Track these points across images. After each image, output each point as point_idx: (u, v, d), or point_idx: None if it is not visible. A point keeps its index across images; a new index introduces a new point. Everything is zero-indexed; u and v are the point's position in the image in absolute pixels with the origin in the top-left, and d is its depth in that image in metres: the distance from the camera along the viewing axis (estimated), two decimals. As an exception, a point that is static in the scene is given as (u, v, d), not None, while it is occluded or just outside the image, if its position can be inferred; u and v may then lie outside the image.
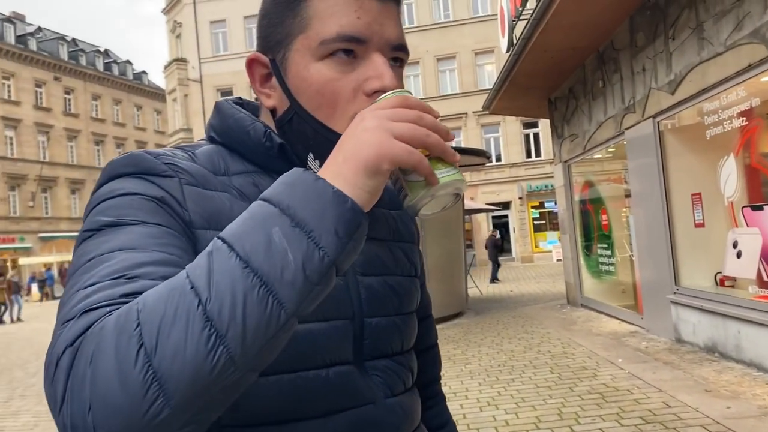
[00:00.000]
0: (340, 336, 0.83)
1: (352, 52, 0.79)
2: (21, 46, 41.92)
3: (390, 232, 0.97)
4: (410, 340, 0.95)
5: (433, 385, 1.12)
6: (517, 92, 12.08)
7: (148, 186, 0.74)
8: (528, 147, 30.81)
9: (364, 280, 0.88)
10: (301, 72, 0.81)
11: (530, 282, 19.06)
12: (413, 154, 0.64)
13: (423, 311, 1.08)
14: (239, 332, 0.55)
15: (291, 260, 0.57)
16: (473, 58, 30.93)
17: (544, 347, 8.11)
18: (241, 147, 0.86)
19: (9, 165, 39.29)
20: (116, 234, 0.68)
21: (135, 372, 0.52)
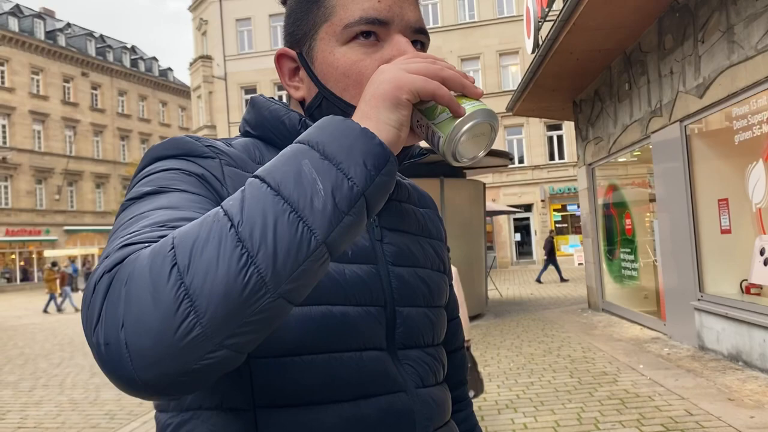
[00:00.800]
0: (373, 322, 0.83)
1: (375, 34, 0.82)
2: (50, 41, 42.58)
3: (419, 228, 0.98)
4: (441, 333, 0.96)
5: (459, 388, 1.12)
6: (542, 94, 12.00)
7: (190, 165, 0.76)
8: (551, 149, 30.59)
9: (395, 270, 0.89)
10: (327, 57, 0.83)
11: (551, 286, 18.91)
12: (429, 82, 0.67)
13: (450, 313, 1.09)
14: (270, 253, 0.55)
15: (320, 189, 0.59)
16: (498, 59, 30.77)
17: (564, 351, 8.04)
18: (276, 137, 0.88)
19: (36, 158, 39.94)
20: (157, 198, 0.69)
21: (167, 288, 0.53)
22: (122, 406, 6.76)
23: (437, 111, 0.70)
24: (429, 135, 0.71)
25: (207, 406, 0.77)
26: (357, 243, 0.85)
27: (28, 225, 39.06)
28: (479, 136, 0.71)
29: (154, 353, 0.53)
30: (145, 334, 0.53)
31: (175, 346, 0.53)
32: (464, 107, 0.69)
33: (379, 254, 0.88)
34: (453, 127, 0.68)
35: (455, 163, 0.72)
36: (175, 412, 0.80)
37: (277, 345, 0.76)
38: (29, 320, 17.88)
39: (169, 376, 0.54)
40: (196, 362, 0.54)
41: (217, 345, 0.55)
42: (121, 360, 0.54)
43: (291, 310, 0.60)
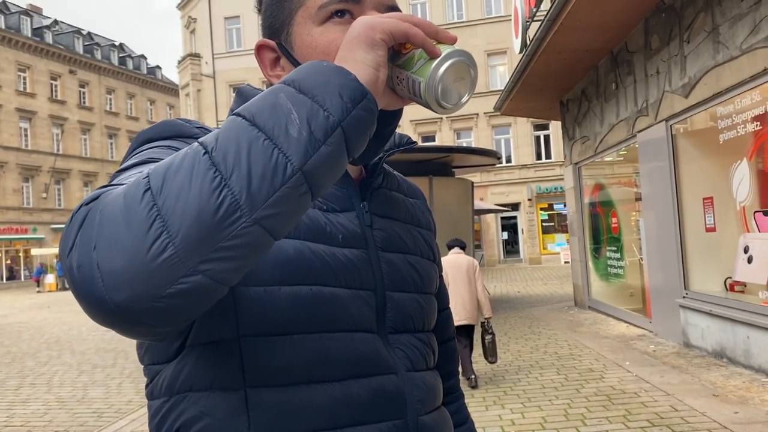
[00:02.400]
0: (363, 305, 0.84)
1: (348, 12, 0.83)
2: (37, 38, 42.20)
3: (409, 216, 1.00)
4: (431, 320, 0.98)
5: (450, 380, 1.13)
6: (530, 93, 12.06)
7: (180, 144, 0.76)
8: (538, 149, 30.73)
9: (385, 255, 0.90)
10: (305, 40, 0.85)
11: (538, 284, 19.02)
12: (402, 23, 0.69)
13: (441, 303, 1.10)
14: (244, 176, 0.55)
15: (295, 117, 0.59)
16: (485, 59, 30.85)
17: (551, 348, 8.10)
18: None
19: (23, 156, 39.60)
20: (144, 166, 0.68)
21: (140, 209, 0.53)
22: (110, 404, 6.74)
23: (414, 59, 0.71)
24: (410, 86, 0.72)
25: (197, 387, 0.77)
26: (347, 227, 0.86)
27: (14, 223, 38.71)
28: (459, 81, 0.71)
29: (126, 273, 0.52)
30: (117, 254, 0.53)
31: (147, 266, 0.52)
32: (439, 49, 0.70)
33: (369, 239, 0.89)
34: (431, 68, 0.69)
35: (440, 110, 0.72)
36: (166, 396, 0.80)
37: (267, 324, 0.76)
38: (15, 318, 17.74)
39: (141, 300, 0.53)
40: (170, 286, 0.53)
41: (191, 269, 0.54)
42: (93, 281, 0.53)
43: (271, 245, 0.59)
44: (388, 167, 1.03)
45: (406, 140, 1.01)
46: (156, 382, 0.82)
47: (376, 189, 0.95)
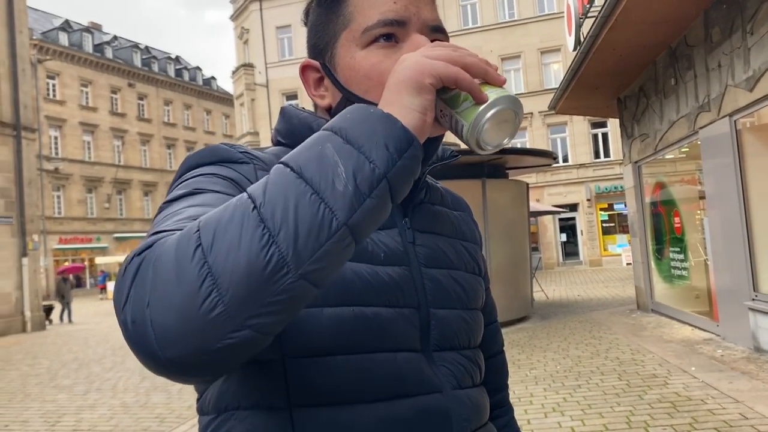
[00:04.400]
0: (407, 323, 0.83)
1: (393, 36, 0.83)
2: (98, 54, 43.84)
3: (453, 230, 0.98)
4: (477, 336, 0.96)
5: (500, 393, 1.10)
6: (585, 91, 11.80)
7: (225, 169, 0.78)
8: (596, 147, 30.08)
9: (428, 271, 0.89)
10: (348, 62, 0.85)
11: (598, 286, 18.58)
12: (451, 67, 0.67)
13: (489, 317, 1.08)
14: (291, 233, 0.56)
15: (342, 171, 0.59)
16: (539, 57, 30.43)
17: (612, 353, 7.87)
18: None
19: (87, 168, 41.15)
20: (191, 198, 0.71)
21: (191, 267, 0.55)
22: (172, 409, 6.89)
23: (460, 99, 0.70)
24: (453, 124, 0.71)
25: (244, 406, 0.78)
26: (389, 245, 0.85)
27: (80, 233, 40.27)
28: (503, 123, 0.70)
29: (178, 330, 0.54)
30: (170, 312, 0.54)
31: (198, 323, 0.54)
32: (487, 94, 0.68)
33: (412, 256, 0.87)
34: (476, 114, 0.68)
35: (480, 151, 0.72)
36: (214, 413, 0.81)
37: (310, 345, 0.77)
38: (82, 326, 18.41)
39: (193, 355, 0.55)
40: (219, 341, 0.55)
41: (240, 324, 0.55)
42: (147, 337, 0.55)
43: (315, 294, 0.60)
44: (432, 180, 1.01)
45: (449, 153, 0.98)
46: (204, 398, 0.84)
47: (419, 204, 0.93)
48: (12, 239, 17.18)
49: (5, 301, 16.81)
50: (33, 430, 6.42)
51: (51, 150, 39.02)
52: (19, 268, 17.29)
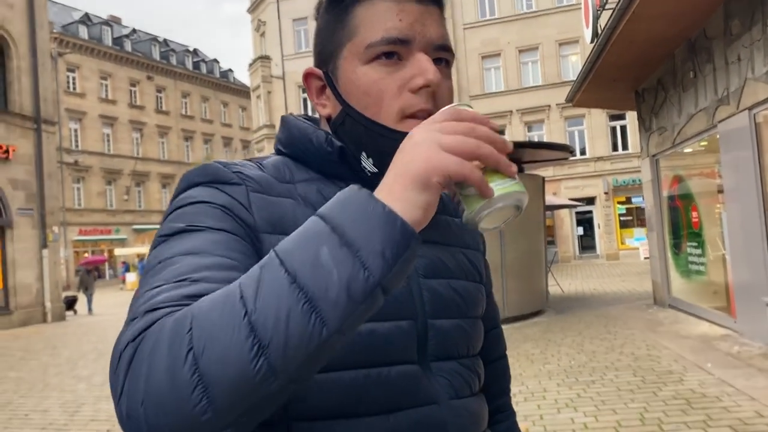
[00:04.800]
0: (403, 336, 0.83)
1: (396, 54, 0.82)
2: (117, 47, 44.21)
3: (454, 238, 0.98)
4: (477, 344, 0.96)
5: (501, 398, 1.11)
6: (602, 84, 11.69)
7: (217, 194, 0.79)
8: (614, 140, 29.81)
9: (426, 282, 0.89)
10: (349, 76, 0.85)
11: (615, 280, 18.46)
12: (463, 166, 0.64)
13: (490, 322, 1.07)
14: (281, 344, 0.56)
15: (336, 280, 0.58)
16: (557, 49, 30.18)
17: (628, 349, 7.83)
18: (305, 155, 0.90)
19: (106, 161, 41.58)
20: (185, 239, 0.73)
21: (183, 372, 0.56)
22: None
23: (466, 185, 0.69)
24: (455, 200, 0.72)
25: None
26: None
27: (99, 224, 40.75)
28: (504, 211, 0.70)
29: (170, 430, 0.57)
30: (162, 414, 0.57)
31: (188, 424, 0.57)
32: (493, 188, 0.67)
33: None
34: (479, 206, 0.68)
35: (474, 229, 0.72)
36: None
37: None
38: (102, 317, 18.66)
39: None
40: None
41: (229, 423, 0.58)
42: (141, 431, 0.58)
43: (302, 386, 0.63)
44: None
45: None
46: None
47: None
48: (33, 231, 17.42)
49: (26, 291, 17.07)
50: (53, 419, 6.54)
51: (71, 142, 39.45)
52: (40, 259, 17.54)
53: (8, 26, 17.12)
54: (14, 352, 11.83)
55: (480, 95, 31.05)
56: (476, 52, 31.15)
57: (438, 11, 0.87)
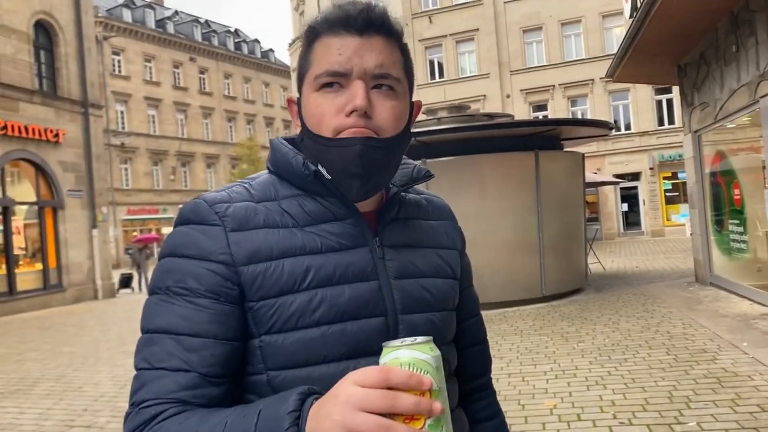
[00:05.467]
0: (373, 331, 0.96)
1: (337, 83, 0.95)
2: (160, 29, 44.90)
3: (427, 240, 1.10)
4: (447, 334, 1.08)
5: (478, 379, 1.23)
6: (643, 59, 11.46)
7: (201, 238, 0.95)
8: (660, 114, 29.11)
9: (397, 283, 1.01)
10: (305, 102, 1.00)
11: (658, 257, 18.20)
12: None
13: (468, 312, 1.19)
14: None
15: None
16: (600, 22, 29.50)
17: (663, 327, 7.81)
18: (287, 175, 1.04)
19: (152, 142, 42.51)
20: (168, 308, 0.93)
21: None
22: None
23: None
24: None
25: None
26: (358, 264, 0.98)
27: (146, 204, 41.85)
28: None
29: None
30: None
31: None
32: None
33: (381, 270, 1.00)
34: None
35: None
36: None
37: (283, 360, 0.93)
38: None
39: None
40: None
41: None
42: None
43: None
44: (414, 193, 1.15)
45: (423, 173, 1.10)
46: None
47: (390, 222, 1.06)
48: (83, 211, 18.07)
49: (78, 270, 17.76)
50: (104, 391, 6.89)
51: (118, 124, 40.44)
52: (90, 239, 18.20)
53: (56, 14, 17.62)
54: (68, 328, 12.40)
55: (521, 70, 30.63)
56: (517, 26, 30.67)
57: (381, 41, 0.97)
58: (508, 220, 10.69)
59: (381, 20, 0.97)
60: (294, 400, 0.78)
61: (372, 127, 0.94)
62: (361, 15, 0.95)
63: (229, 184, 1.04)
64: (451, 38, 31.63)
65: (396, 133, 0.98)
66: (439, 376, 0.74)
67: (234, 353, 0.93)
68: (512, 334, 8.21)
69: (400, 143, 1.00)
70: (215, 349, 0.91)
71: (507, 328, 8.73)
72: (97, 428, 5.54)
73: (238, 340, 0.93)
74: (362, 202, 1.02)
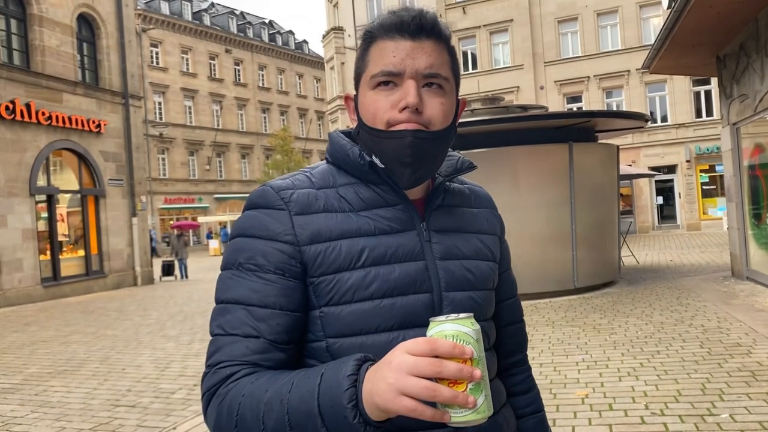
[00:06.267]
0: (420, 306, 1.08)
1: (391, 82, 1.06)
2: (197, 21, 45.49)
3: (470, 226, 1.22)
4: (487, 311, 1.19)
5: (516, 355, 1.34)
6: (681, 50, 11.32)
7: (269, 221, 1.07)
8: (698, 106, 28.59)
9: (442, 263, 1.12)
10: (362, 99, 1.11)
11: (694, 251, 17.97)
12: (414, 410, 0.81)
13: (506, 293, 1.31)
14: None
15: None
16: (637, 12, 29.05)
17: (698, 321, 7.78)
18: (344, 165, 1.15)
19: (188, 132, 43.21)
20: (240, 281, 1.05)
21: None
22: (266, 360, 7.43)
23: None
24: None
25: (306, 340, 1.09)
26: (407, 245, 1.10)
27: (183, 194, 42.60)
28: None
29: None
30: None
31: None
32: (450, 415, 0.82)
33: (427, 252, 1.11)
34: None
35: None
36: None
37: (340, 329, 1.05)
38: (187, 281, 19.71)
39: None
40: None
41: None
42: None
43: None
44: (458, 183, 1.26)
45: (467, 165, 1.22)
46: None
47: (436, 208, 1.17)
48: (123, 200, 18.54)
49: (119, 257, 18.25)
50: (146, 373, 7.15)
51: (155, 115, 41.16)
52: (130, 226, 18.67)
53: (97, 6, 18.03)
54: (110, 312, 12.79)
55: (555, 61, 30.34)
56: (552, 16, 30.37)
57: (431, 44, 1.07)
58: (541, 212, 10.70)
59: (431, 25, 1.07)
60: (352, 365, 0.88)
61: (422, 122, 1.05)
62: (414, 21, 1.06)
63: (292, 173, 1.16)
64: (485, 29, 31.44)
65: (444, 126, 1.08)
66: (479, 347, 0.85)
67: (298, 323, 1.05)
68: (544, 325, 8.26)
69: (447, 136, 1.10)
70: (281, 319, 1.03)
71: (539, 319, 8.78)
72: (140, 408, 5.76)
73: (301, 311, 1.05)
74: (411, 191, 1.14)
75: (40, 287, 15.58)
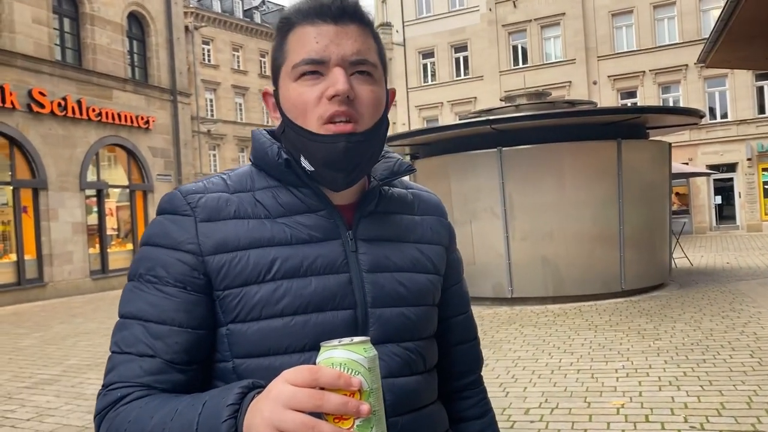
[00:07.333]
0: (339, 324, 0.94)
1: (316, 71, 0.93)
2: (247, 19, 46.12)
3: (406, 235, 1.07)
4: (424, 329, 1.04)
5: (469, 376, 1.20)
6: (739, 42, 10.78)
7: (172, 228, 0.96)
8: (761, 101, 27.35)
9: (370, 276, 0.99)
10: (284, 93, 0.98)
11: (754, 254, 17.17)
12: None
13: (456, 309, 1.16)
14: None
15: None
16: (696, 3, 27.96)
17: (750, 328, 7.35)
18: (264, 166, 1.03)
19: (239, 129, 43.80)
20: (139, 295, 0.94)
21: None
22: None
23: None
24: None
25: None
26: (328, 256, 0.96)
27: (233, 190, 43.24)
28: None
29: None
30: None
31: None
32: None
33: (353, 263, 0.98)
34: None
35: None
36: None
37: (247, 348, 0.93)
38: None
39: None
40: None
41: None
42: None
43: None
44: (398, 188, 1.12)
45: (405, 167, 1.07)
46: None
47: (368, 215, 1.03)
48: (171, 195, 18.90)
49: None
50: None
51: (207, 112, 41.91)
52: (177, 222, 19.02)
53: (147, 5, 18.38)
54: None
55: (609, 55, 29.53)
56: (606, 9, 29.54)
57: (356, 28, 0.96)
58: (588, 211, 10.34)
59: (354, 9, 0.97)
60: (236, 394, 0.78)
61: (354, 113, 0.93)
62: (335, 4, 0.96)
63: (210, 175, 1.05)
64: (536, 23, 30.83)
65: (376, 119, 0.97)
66: (371, 376, 0.72)
67: (200, 341, 0.94)
68: (586, 329, 7.95)
69: (380, 131, 0.99)
70: (180, 337, 0.92)
71: (581, 322, 8.46)
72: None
73: (205, 328, 0.94)
74: (340, 195, 1.01)
75: (89, 279, 16.00)
